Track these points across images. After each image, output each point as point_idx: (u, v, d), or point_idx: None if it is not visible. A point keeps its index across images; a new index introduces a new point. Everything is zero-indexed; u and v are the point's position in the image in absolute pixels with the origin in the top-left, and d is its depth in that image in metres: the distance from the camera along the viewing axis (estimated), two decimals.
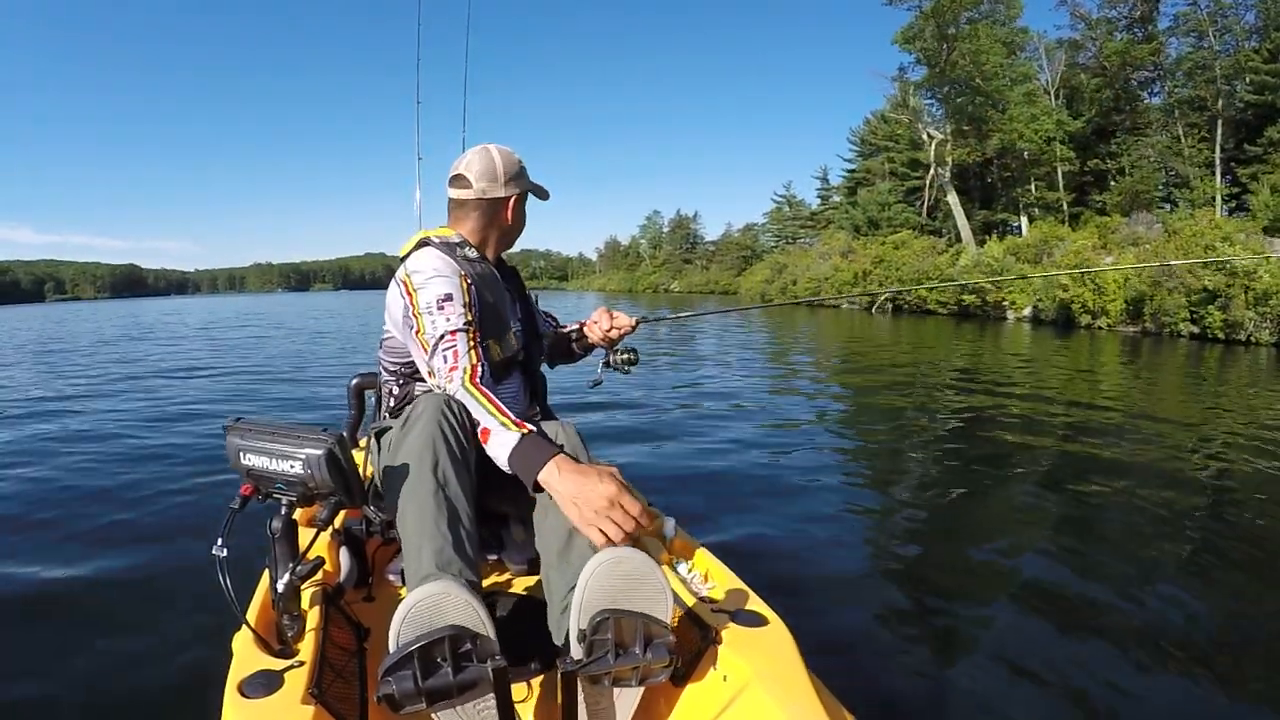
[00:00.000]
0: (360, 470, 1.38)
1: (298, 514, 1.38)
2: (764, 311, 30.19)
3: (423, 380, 1.71)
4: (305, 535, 1.41)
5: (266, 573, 1.43)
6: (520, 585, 1.87)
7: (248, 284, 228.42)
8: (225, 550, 1.23)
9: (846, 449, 5.63)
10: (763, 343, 15.98)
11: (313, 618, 1.40)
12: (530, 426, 1.43)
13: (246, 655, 1.26)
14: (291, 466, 1.26)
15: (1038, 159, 31.62)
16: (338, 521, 1.83)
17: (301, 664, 1.23)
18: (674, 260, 75.48)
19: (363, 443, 1.92)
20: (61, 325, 26.60)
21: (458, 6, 4.31)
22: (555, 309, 2.33)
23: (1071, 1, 31.60)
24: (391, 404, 1.81)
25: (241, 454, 1.29)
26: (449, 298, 1.60)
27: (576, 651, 1.22)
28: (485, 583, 1.81)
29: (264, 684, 1.17)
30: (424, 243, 1.73)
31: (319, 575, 1.45)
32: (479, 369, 1.54)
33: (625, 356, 2.16)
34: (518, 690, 1.36)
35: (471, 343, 1.58)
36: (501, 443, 1.40)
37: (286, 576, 1.34)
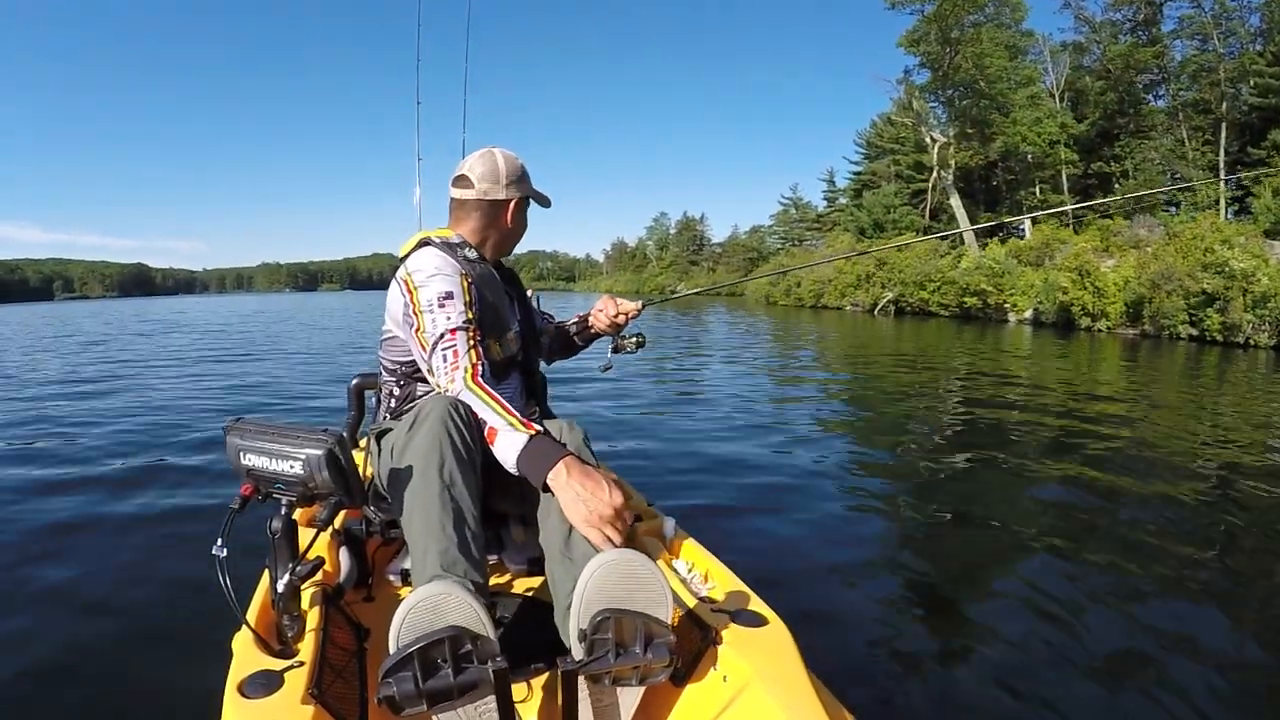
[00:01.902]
0: (360, 470, 1.38)
1: (298, 514, 1.38)
2: (768, 313, 30.27)
3: (424, 380, 1.71)
4: (305, 535, 1.41)
5: (266, 573, 1.43)
6: (520, 586, 1.87)
7: (255, 284, 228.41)
8: (225, 550, 1.23)
9: (848, 449, 5.63)
10: (766, 344, 16.00)
11: (313, 618, 1.40)
12: (538, 427, 1.43)
13: (246, 655, 1.26)
14: (291, 467, 1.25)
15: (1041, 162, 31.62)
16: (338, 521, 1.83)
17: (301, 664, 1.23)
18: (680, 262, 75.40)
19: (363, 443, 1.93)
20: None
21: (458, 6, 4.32)
22: (562, 311, 2.34)
23: (1075, 4, 31.66)
24: (392, 404, 1.81)
25: (241, 454, 1.29)
26: (450, 296, 1.60)
27: (577, 651, 1.22)
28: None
29: (264, 684, 1.16)
30: (424, 242, 1.74)
31: (319, 575, 1.45)
32: (480, 367, 1.55)
33: (634, 339, 2.19)
34: (518, 690, 1.36)
35: (472, 341, 1.58)
36: (509, 443, 1.40)
37: (286, 576, 1.34)
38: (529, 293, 2.06)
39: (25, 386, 8.93)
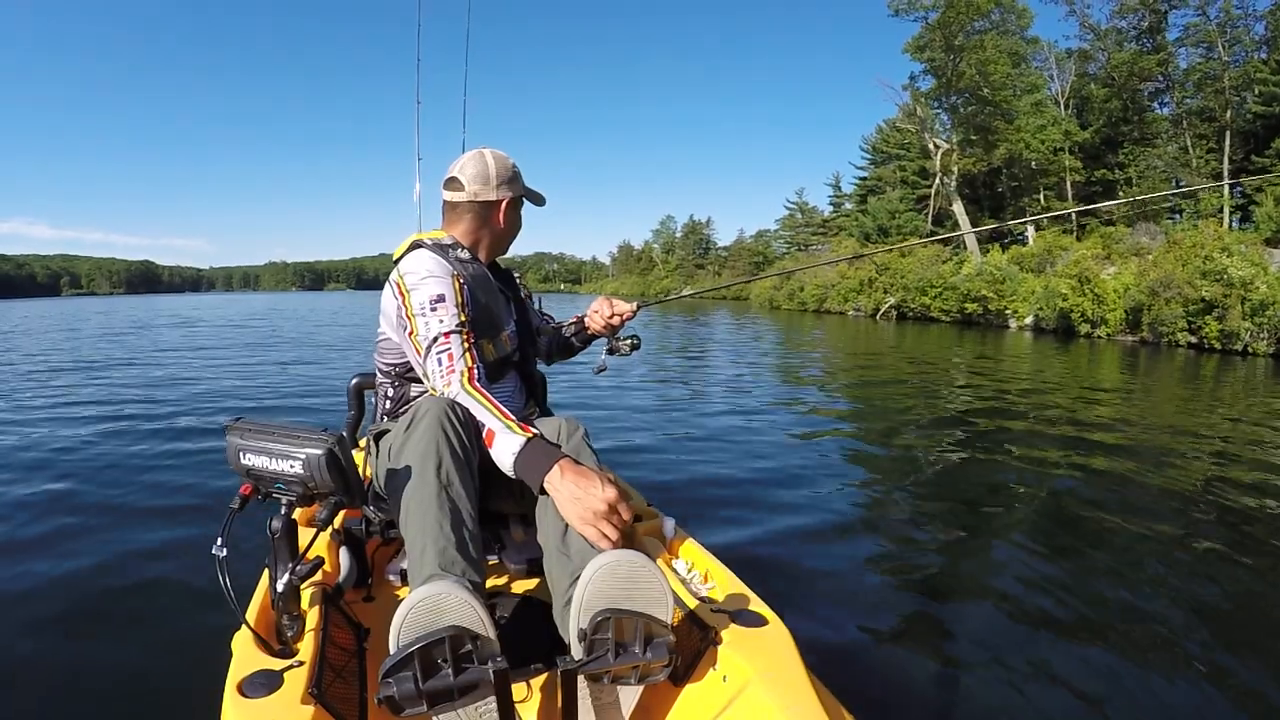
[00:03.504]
0: (360, 471, 1.38)
1: (298, 514, 1.38)
2: (771, 317, 30.28)
3: (418, 381, 1.72)
4: (305, 535, 1.41)
5: (266, 573, 1.43)
6: (520, 586, 1.86)
7: (262, 283, 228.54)
8: (225, 550, 1.23)
9: (848, 452, 5.62)
10: (768, 347, 15.99)
11: (313, 618, 1.40)
12: (534, 430, 1.43)
13: (246, 655, 1.26)
14: (291, 466, 1.25)
15: (1045, 169, 31.57)
16: (337, 521, 1.83)
17: (301, 664, 1.23)
18: (686, 265, 75.45)
19: (362, 443, 1.93)
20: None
21: (459, 6, 4.33)
22: (567, 313, 2.35)
23: (1080, 12, 31.63)
24: (388, 405, 1.82)
25: (241, 454, 1.28)
26: (441, 299, 1.60)
27: (576, 650, 1.22)
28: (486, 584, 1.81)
29: (264, 684, 1.17)
30: (417, 244, 1.74)
31: (319, 575, 1.45)
32: (475, 370, 1.55)
33: (629, 342, 2.18)
34: (518, 690, 1.35)
35: (466, 344, 1.58)
36: (506, 447, 1.41)
37: (286, 576, 1.34)
38: (525, 294, 2.06)
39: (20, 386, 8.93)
